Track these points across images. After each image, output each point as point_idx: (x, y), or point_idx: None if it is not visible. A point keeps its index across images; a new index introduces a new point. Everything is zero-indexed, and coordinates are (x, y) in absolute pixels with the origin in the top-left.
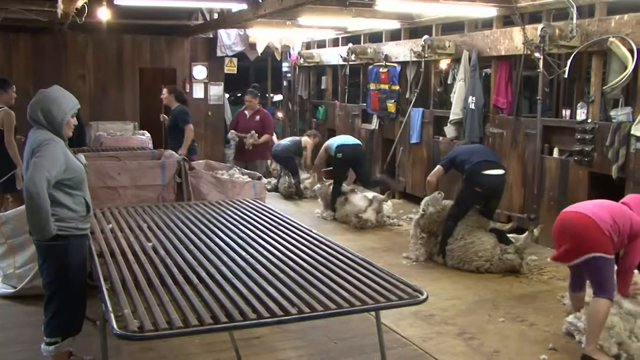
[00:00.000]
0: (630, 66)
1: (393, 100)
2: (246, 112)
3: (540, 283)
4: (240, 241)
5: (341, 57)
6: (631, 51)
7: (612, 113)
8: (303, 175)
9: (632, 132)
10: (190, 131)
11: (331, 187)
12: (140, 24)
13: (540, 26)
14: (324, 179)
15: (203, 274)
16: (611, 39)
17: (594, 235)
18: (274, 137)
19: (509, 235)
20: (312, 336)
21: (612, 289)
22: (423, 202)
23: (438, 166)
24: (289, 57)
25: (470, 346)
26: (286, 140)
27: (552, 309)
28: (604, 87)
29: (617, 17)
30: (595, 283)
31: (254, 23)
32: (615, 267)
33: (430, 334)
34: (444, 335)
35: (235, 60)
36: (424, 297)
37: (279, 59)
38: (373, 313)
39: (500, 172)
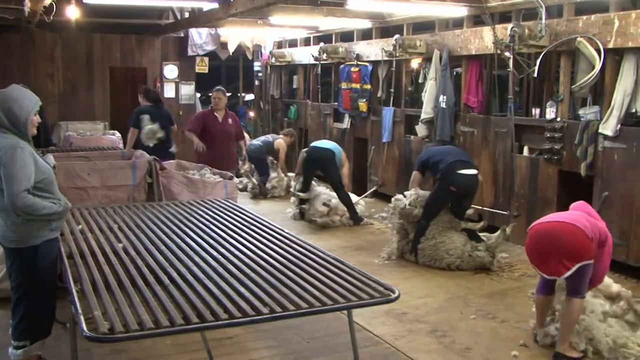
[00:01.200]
0: (598, 66)
1: (364, 100)
2: (217, 114)
3: (511, 280)
4: (211, 241)
5: (313, 56)
6: (598, 51)
7: (581, 112)
8: (272, 174)
9: (600, 130)
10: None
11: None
12: (110, 23)
13: (510, 26)
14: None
15: (174, 274)
16: (579, 39)
17: (584, 244)
18: (247, 137)
19: (481, 233)
20: (285, 336)
21: (586, 288)
22: (408, 197)
23: (414, 172)
24: (261, 56)
25: (442, 343)
26: (258, 141)
27: (523, 306)
28: (572, 86)
29: (585, 17)
30: (574, 286)
31: (225, 22)
32: None
33: (402, 332)
34: (416, 333)
35: (206, 59)
36: (396, 295)
37: (250, 58)
38: (345, 312)
39: (474, 172)
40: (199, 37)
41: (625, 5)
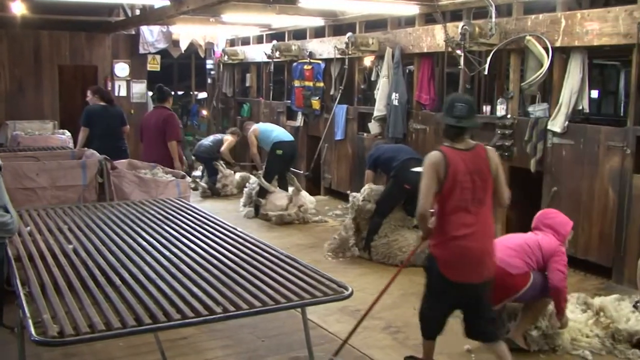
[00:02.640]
0: (546, 64)
1: (317, 97)
2: None
3: None
4: (163, 241)
5: (265, 54)
6: (546, 49)
7: (530, 109)
8: (221, 173)
9: (549, 127)
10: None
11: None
12: (58, 19)
13: (461, 24)
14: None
15: (126, 275)
16: (528, 38)
17: (510, 283)
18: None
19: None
20: (240, 335)
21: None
22: (362, 191)
23: (367, 171)
24: (213, 54)
25: (396, 339)
26: (208, 140)
27: None
28: (522, 84)
29: (533, 16)
30: (532, 296)
31: (177, 20)
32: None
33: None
34: (370, 330)
35: (158, 57)
36: (349, 292)
37: (202, 56)
38: (299, 310)
39: None
40: (151, 35)
41: (571, 6)
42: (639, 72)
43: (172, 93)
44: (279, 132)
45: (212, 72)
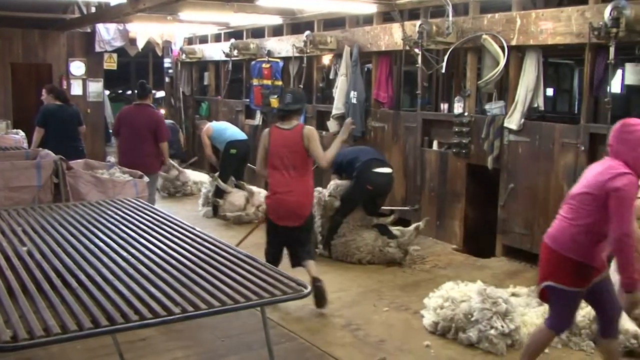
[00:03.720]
0: (502, 62)
1: (276, 96)
2: None
3: (423, 272)
4: (121, 241)
5: (224, 52)
6: (502, 48)
7: (487, 107)
8: (172, 173)
9: (505, 124)
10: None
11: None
12: (9, 16)
13: (418, 23)
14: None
15: (82, 277)
16: (484, 36)
17: (550, 262)
18: None
19: (395, 227)
20: (199, 335)
21: (559, 322)
22: (328, 187)
23: (332, 176)
24: (171, 52)
25: (356, 337)
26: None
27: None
28: (478, 82)
29: (489, 15)
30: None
31: (134, 18)
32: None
33: (317, 326)
34: (330, 328)
35: (115, 55)
36: (308, 290)
37: (160, 54)
38: (259, 309)
39: (389, 170)
40: (107, 33)
41: (526, 5)
42: (592, 71)
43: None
44: (232, 131)
45: (170, 71)
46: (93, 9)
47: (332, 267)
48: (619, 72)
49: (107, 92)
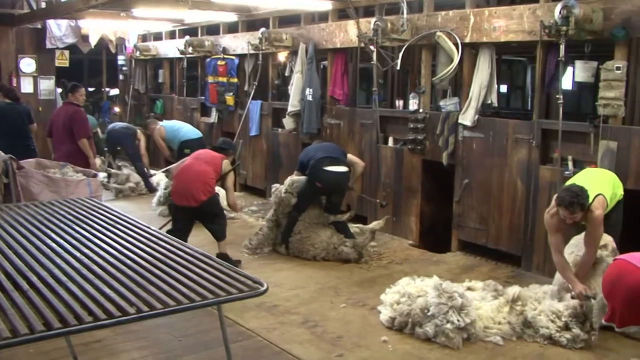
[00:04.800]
0: (456, 59)
1: (231, 93)
2: None
3: (380, 268)
4: (74, 242)
5: (178, 49)
6: (456, 45)
7: (442, 103)
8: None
9: (460, 121)
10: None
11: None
12: None
13: (373, 20)
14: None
15: (34, 278)
16: (438, 34)
17: None
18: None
19: (354, 225)
20: (156, 335)
21: None
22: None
23: (296, 172)
24: (125, 49)
25: (314, 334)
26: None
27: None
28: (433, 79)
29: (443, 13)
30: None
31: (86, 14)
32: None
33: (274, 324)
34: (288, 325)
35: (67, 52)
36: (264, 288)
37: (113, 51)
38: (216, 307)
39: (342, 169)
40: (58, 29)
41: (479, 3)
42: (543, 68)
43: (83, 87)
44: (186, 130)
45: (124, 68)
46: (43, 4)
47: (289, 265)
48: (570, 69)
49: (59, 90)
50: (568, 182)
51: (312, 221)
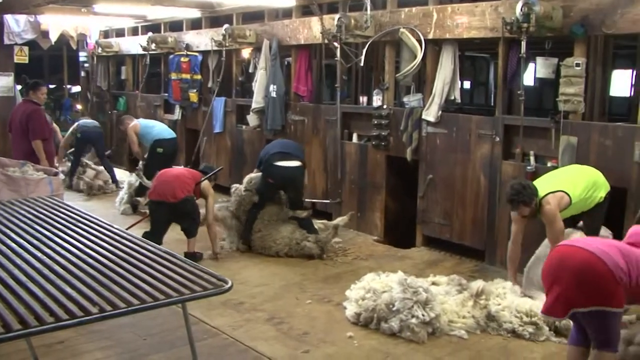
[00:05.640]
0: (419, 55)
1: (195, 90)
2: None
3: (345, 264)
4: (35, 242)
5: (141, 46)
6: (420, 41)
7: (405, 99)
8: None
9: (423, 116)
10: None
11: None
12: None
13: (337, 16)
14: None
15: None
16: (402, 30)
17: (606, 286)
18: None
19: (319, 221)
20: (120, 335)
21: (618, 340)
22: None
23: (255, 170)
24: (86, 46)
25: (280, 330)
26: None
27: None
28: (397, 75)
29: (407, 9)
30: (599, 336)
31: (45, 9)
32: None
33: (240, 321)
34: (253, 322)
35: (26, 49)
36: (229, 285)
37: (75, 48)
38: (181, 305)
39: (293, 164)
40: (17, 25)
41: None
42: (505, 64)
43: (45, 85)
44: (160, 129)
45: (86, 65)
46: None
47: (253, 262)
48: (531, 65)
49: (18, 87)
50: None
51: (272, 218)
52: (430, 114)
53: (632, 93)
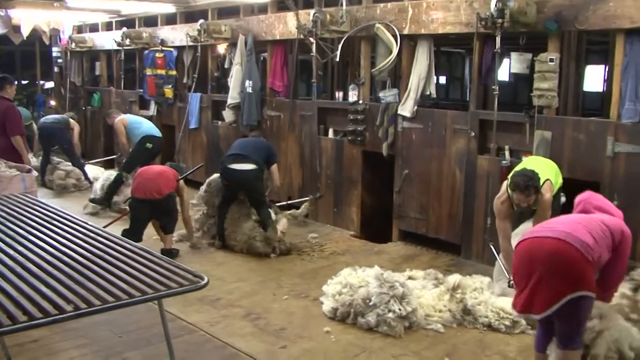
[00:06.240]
0: (395, 51)
1: (170, 86)
2: None
3: (322, 259)
4: (7, 239)
5: (115, 41)
6: (395, 37)
7: (381, 94)
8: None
9: (399, 112)
10: None
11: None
12: None
13: (312, 12)
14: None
15: None
16: (377, 25)
17: (578, 268)
18: None
19: (287, 212)
20: (95, 332)
21: (583, 334)
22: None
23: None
24: (59, 41)
25: (257, 326)
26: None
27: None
28: (372, 70)
29: (382, 5)
30: (565, 331)
31: (16, 3)
32: None
33: (217, 318)
34: (230, 318)
35: None
36: (205, 282)
37: (47, 43)
38: (157, 302)
39: (246, 166)
40: None
41: None
42: (480, 60)
43: (14, 80)
44: (148, 126)
45: (59, 60)
46: None
47: (230, 258)
48: (506, 60)
49: None
50: (516, 169)
51: (234, 216)
52: (406, 109)
53: (605, 88)
